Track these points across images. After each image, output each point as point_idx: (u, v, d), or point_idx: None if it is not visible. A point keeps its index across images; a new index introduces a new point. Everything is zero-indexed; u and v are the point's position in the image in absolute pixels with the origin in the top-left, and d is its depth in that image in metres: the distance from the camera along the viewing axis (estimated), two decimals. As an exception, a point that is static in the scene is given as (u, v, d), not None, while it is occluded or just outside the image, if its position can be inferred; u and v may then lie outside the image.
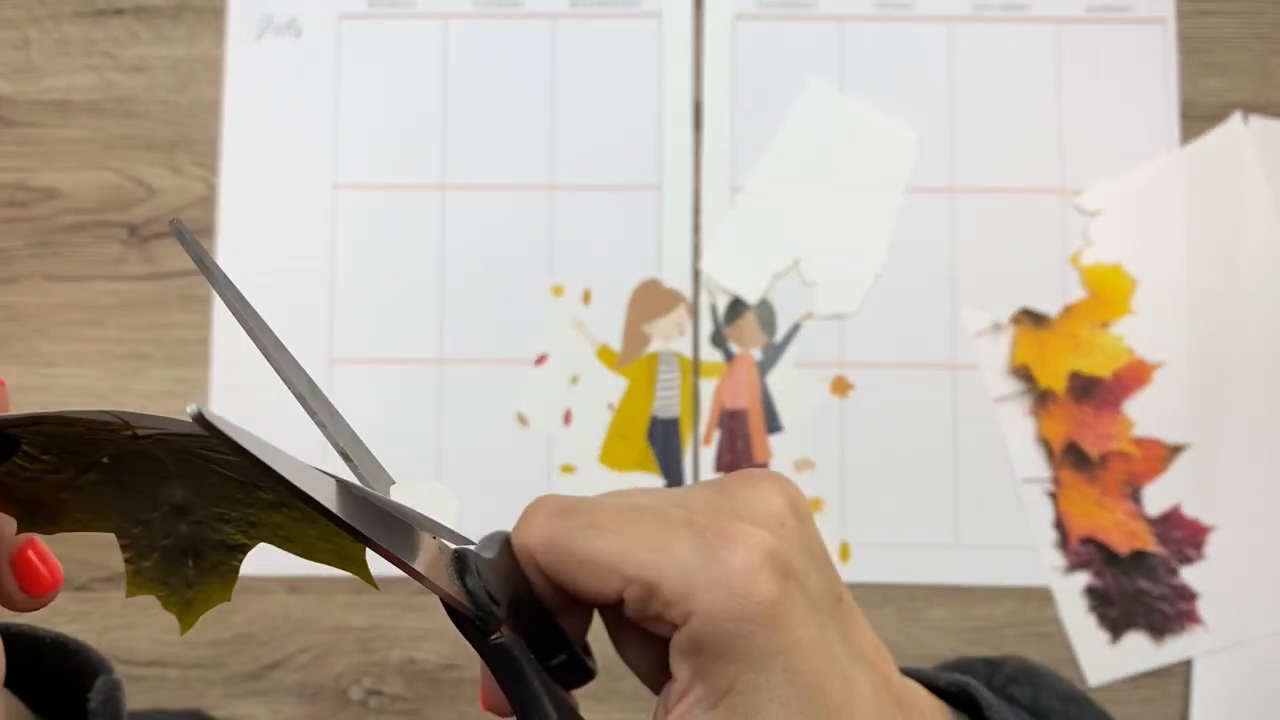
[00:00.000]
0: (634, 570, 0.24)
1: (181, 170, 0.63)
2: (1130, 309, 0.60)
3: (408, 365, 0.61)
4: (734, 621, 0.23)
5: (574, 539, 0.25)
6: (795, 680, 0.24)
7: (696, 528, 0.24)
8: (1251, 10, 0.62)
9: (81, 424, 0.23)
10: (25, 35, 0.64)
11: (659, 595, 0.24)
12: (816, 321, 0.61)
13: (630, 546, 0.24)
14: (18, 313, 0.62)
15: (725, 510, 0.25)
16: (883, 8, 0.63)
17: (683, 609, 0.24)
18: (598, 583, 0.25)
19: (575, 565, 0.25)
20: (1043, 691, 0.32)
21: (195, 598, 0.25)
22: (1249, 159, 0.61)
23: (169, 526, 0.25)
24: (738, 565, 0.24)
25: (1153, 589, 0.59)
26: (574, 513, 0.26)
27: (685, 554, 0.24)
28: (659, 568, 0.24)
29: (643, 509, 0.25)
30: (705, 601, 0.23)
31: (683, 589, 0.24)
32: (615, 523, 0.25)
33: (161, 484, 0.24)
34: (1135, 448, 0.59)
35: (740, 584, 0.23)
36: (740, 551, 0.24)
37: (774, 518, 0.25)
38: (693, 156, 0.62)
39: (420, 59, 0.63)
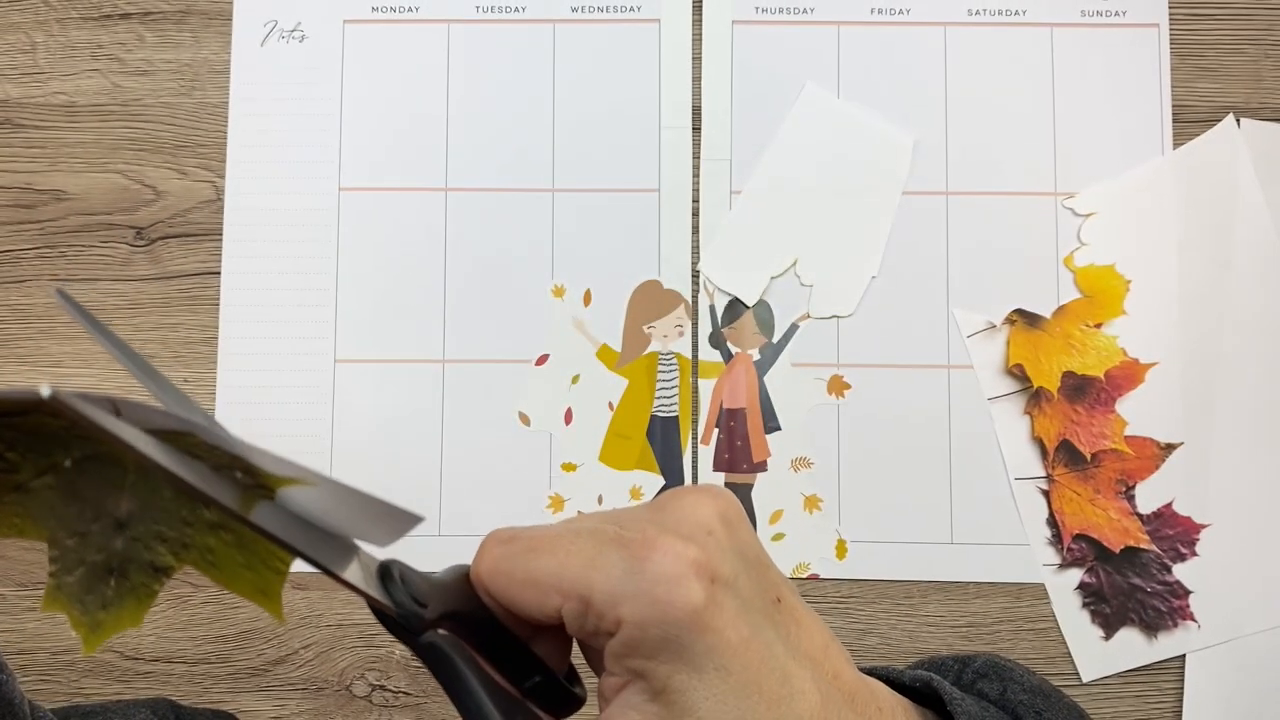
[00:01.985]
0: (569, 586, 0.25)
1: (187, 173, 0.63)
2: (1123, 309, 0.61)
3: (411, 365, 0.62)
4: (659, 626, 0.24)
5: (515, 563, 0.26)
6: (728, 679, 0.24)
7: (624, 542, 0.25)
8: (1244, 14, 0.63)
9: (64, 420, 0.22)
10: (32, 39, 0.64)
11: (592, 608, 0.25)
12: (814, 322, 0.62)
13: (564, 564, 0.25)
14: (25, 314, 0.63)
15: (653, 523, 0.26)
16: (879, 13, 0.63)
17: (612, 618, 0.25)
18: (539, 602, 0.26)
19: (518, 588, 0.26)
20: (1010, 685, 0.32)
21: (106, 620, 0.24)
22: (1241, 162, 0.62)
23: (104, 541, 0.24)
24: (660, 573, 0.24)
25: (1146, 586, 0.59)
26: (516, 539, 0.27)
27: (612, 567, 0.25)
28: (589, 582, 0.25)
29: (578, 530, 0.26)
30: (632, 610, 0.24)
31: (611, 600, 0.25)
32: (551, 545, 0.26)
33: (112, 494, 0.24)
34: (1128, 446, 0.60)
35: (663, 591, 0.24)
36: (663, 560, 0.25)
37: (700, 527, 0.26)
38: (692, 159, 0.63)
39: (423, 63, 0.64)
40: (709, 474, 0.61)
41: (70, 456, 0.24)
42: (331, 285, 0.62)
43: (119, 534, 0.24)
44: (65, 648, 0.60)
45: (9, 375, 0.62)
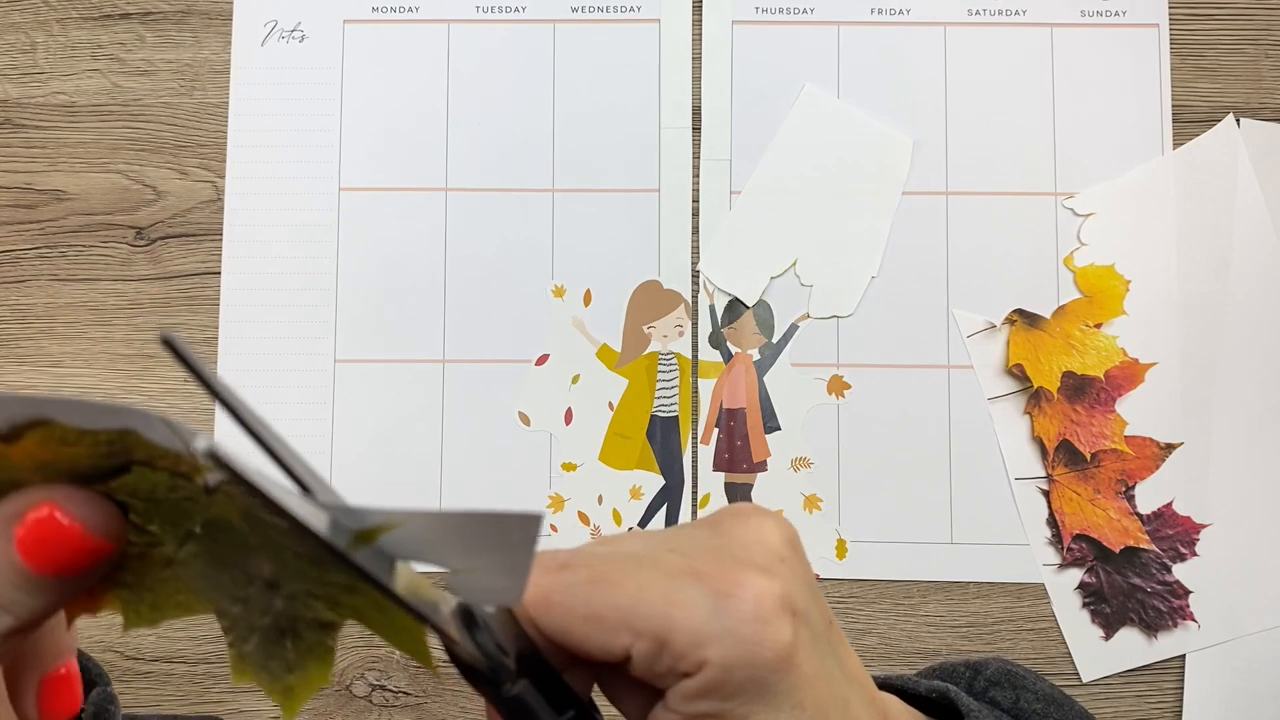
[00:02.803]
0: (643, 624, 0.23)
1: (188, 173, 0.63)
2: (1123, 309, 0.61)
3: (411, 365, 0.62)
4: (748, 669, 0.23)
5: (574, 595, 0.24)
6: (802, 714, 0.24)
7: (700, 575, 0.24)
8: (1243, 14, 0.63)
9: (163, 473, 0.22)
10: (32, 39, 0.64)
11: (670, 649, 0.23)
12: (813, 322, 0.62)
13: (636, 600, 0.23)
14: (25, 314, 0.63)
15: (724, 553, 0.24)
16: (878, 13, 0.63)
17: (695, 660, 0.23)
18: (603, 640, 0.23)
19: (578, 623, 0.24)
20: (1024, 694, 0.32)
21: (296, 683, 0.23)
22: (1241, 161, 0.62)
23: (265, 603, 0.23)
24: (748, 613, 0.23)
25: (1146, 586, 0.59)
26: (571, 567, 0.24)
27: (693, 605, 0.23)
28: (668, 620, 0.23)
29: (640, 558, 0.24)
30: (718, 652, 0.23)
31: (694, 641, 0.23)
32: (616, 575, 0.24)
33: (250, 556, 0.23)
34: (1128, 446, 0.60)
35: (752, 632, 0.23)
36: (749, 599, 0.23)
37: (773, 554, 0.25)
38: (692, 160, 0.63)
39: (423, 63, 0.64)
40: (709, 474, 0.61)
41: (196, 523, 0.23)
42: (331, 285, 0.62)
43: (275, 594, 0.23)
44: (65, 648, 0.60)
45: (9, 375, 0.62)
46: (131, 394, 0.62)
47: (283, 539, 0.22)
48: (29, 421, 0.21)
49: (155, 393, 0.62)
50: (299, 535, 0.20)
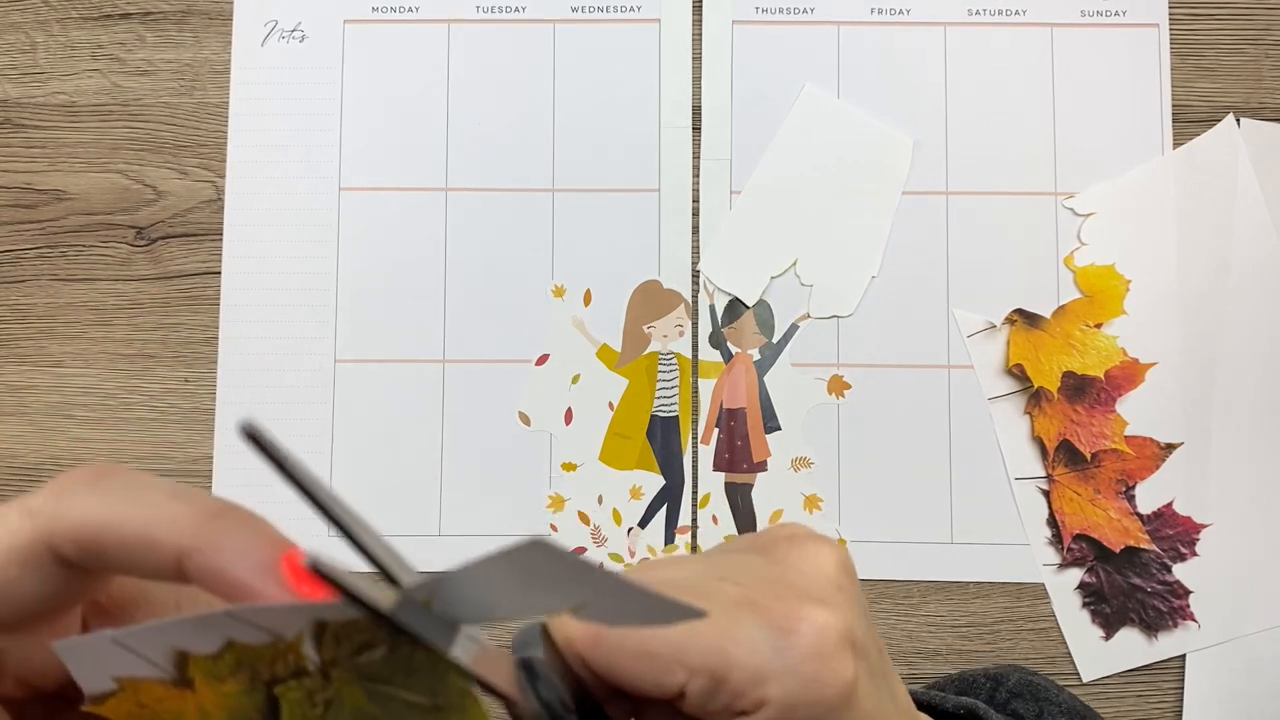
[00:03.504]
0: (698, 661, 0.22)
1: (188, 173, 0.63)
2: (1123, 309, 0.61)
3: (411, 365, 0.62)
4: (810, 708, 0.22)
5: (625, 631, 0.22)
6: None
7: (758, 607, 0.23)
8: (1244, 14, 0.63)
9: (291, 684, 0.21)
10: (32, 39, 0.64)
11: (727, 686, 0.22)
12: (814, 322, 0.62)
13: (692, 633, 0.22)
14: (25, 313, 0.63)
15: (781, 583, 0.23)
16: (878, 13, 0.63)
17: (754, 698, 0.22)
18: (656, 677, 0.22)
19: (630, 660, 0.22)
20: (1047, 707, 0.31)
21: None
22: (1241, 161, 0.62)
23: None
24: (810, 649, 0.22)
25: (1146, 586, 0.59)
26: None
27: (753, 640, 0.22)
28: (726, 657, 0.22)
29: (694, 588, 0.23)
30: (779, 691, 0.22)
31: (754, 678, 0.22)
32: None
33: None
34: (1128, 446, 0.60)
35: (813, 669, 0.22)
36: (810, 634, 0.22)
37: (831, 584, 0.24)
38: (692, 159, 0.63)
39: (423, 63, 0.64)
40: (709, 474, 0.61)
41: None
42: (332, 285, 0.62)
43: None
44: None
45: (9, 375, 0.62)
46: (132, 394, 0.62)
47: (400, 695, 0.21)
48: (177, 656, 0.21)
49: (155, 393, 0.62)
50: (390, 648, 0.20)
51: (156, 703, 0.22)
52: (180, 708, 0.22)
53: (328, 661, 0.21)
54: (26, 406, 0.62)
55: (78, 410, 0.62)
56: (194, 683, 0.21)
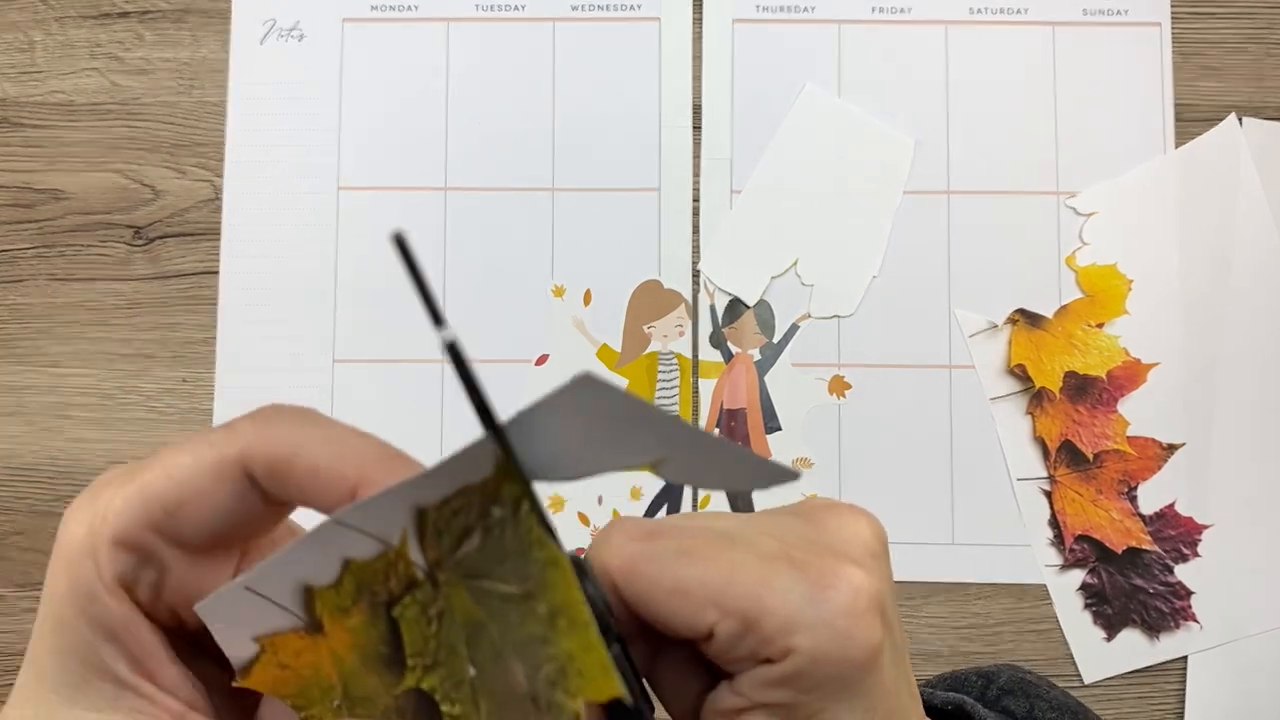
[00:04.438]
0: (732, 603, 0.22)
1: (186, 172, 0.63)
2: (1125, 309, 0.61)
3: (410, 365, 0.62)
4: (835, 664, 0.22)
5: (663, 566, 0.23)
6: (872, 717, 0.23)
7: (796, 561, 0.23)
8: (1246, 13, 0.63)
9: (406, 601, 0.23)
10: (30, 37, 0.64)
11: (757, 631, 0.22)
12: (814, 322, 0.62)
13: (729, 577, 0.23)
14: (23, 313, 0.63)
15: (820, 544, 0.24)
16: (879, 12, 0.63)
17: (782, 646, 0.22)
18: (688, 615, 0.23)
19: (664, 595, 0.23)
20: (1037, 703, 0.31)
21: None
22: (1243, 161, 0.61)
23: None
24: (843, 606, 0.22)
25: (1148, 587, 0.59)
26: (660, 536, 0.23)
27: (788, 589, 0.22)
28: (760, 602, 0.22)
29: (733, 536, 0.24)
30: (808, 642, 0.22)
31: (784, 626, 0.22)
32: (708, 550, 0.23)
33: (505, 667, 0.22)
34: (1130, 447, 0.60)
35: (845, 626, 0.22)
36: (845, 591, 0.23)
37: (867, 551, 0.24)
38: (692, 159, 0.62)
39: (423, 62, 0.63)
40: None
41: (462, 659, 0.23)
42: (330, 285, 0.62)
43: (539, 712, 0.22)
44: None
45: (7, 375, 0.62)
46: (129, 394, 0.62)
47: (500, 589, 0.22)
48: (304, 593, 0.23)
49: (153, 393, 0.62)
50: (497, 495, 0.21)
51: (295, 658, 0.24)
52: (316, 659, 0.24)
53: (433, 563, 0.23)
54: (24, 406, 0.62)
55: (75, 410, 0.62)
56: (323, 625, 0.23)
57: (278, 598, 0.23)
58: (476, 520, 0.22)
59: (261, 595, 0.23)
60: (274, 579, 0.23)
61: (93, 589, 0.23)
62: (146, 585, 0.23)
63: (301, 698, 0.24)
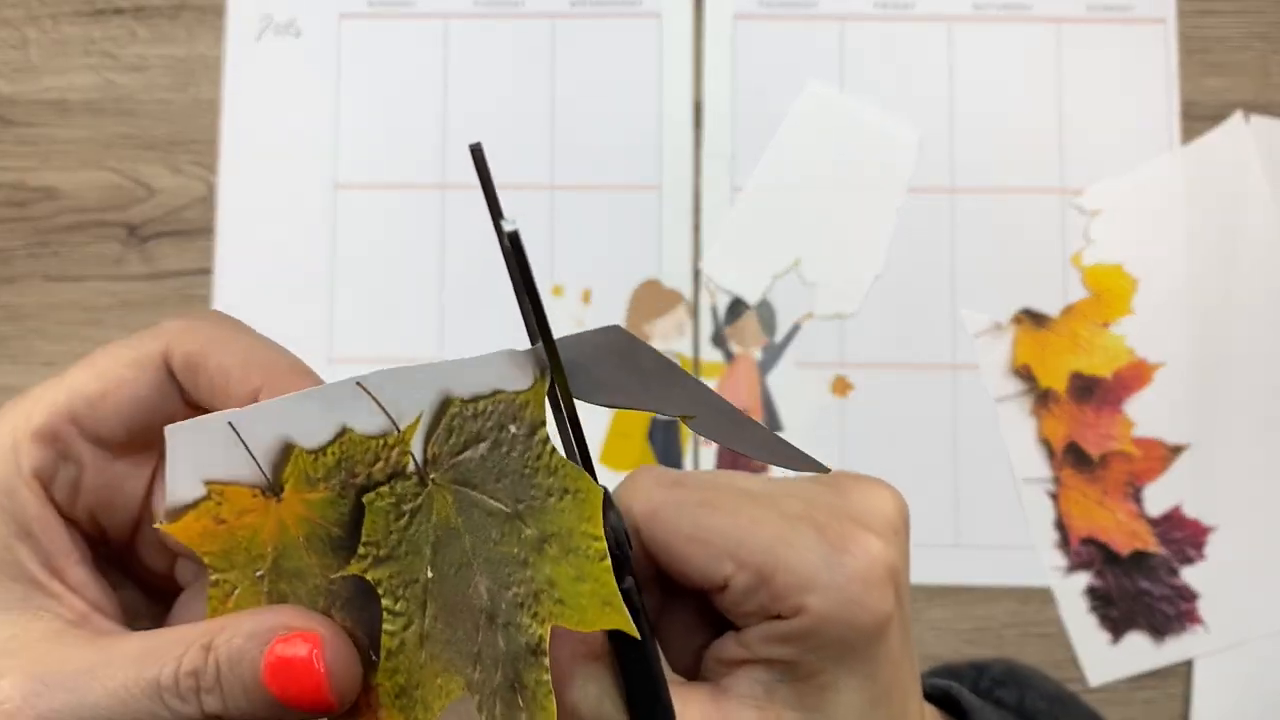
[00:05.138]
0: (748, 555, 0.23)
1: (181, 170, 0.63)
2: (1131, 309, 0.60)
3: (407, 365, 0.61)
4: (844, 627, 0.23)
5: (683, 514, 0.24)
6: (871, 687, 0.23)
7: (817, 524, 0.24)
8: (1252, 10, 0.62)
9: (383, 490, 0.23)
10: (24, 35, 0.64)
11: (770, 586, 0.23)
12: (817, 321, 0.61)
13: (749, 531, 0.23)
14: (16, 312, 0.62)
15: (842, 510, 0.24)
16: (883, 7, 0.63)
17: (794, 603, 0.23)
18: (705, 563, 0.23)
19: (683, 542, 0.24)
20: (1029, 692, 0.32)
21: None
22: (1250, 158, 0.61)
23: (492, 649, 0.23)
24: (859, 572, 0.23)
25: (1153, 589, 0.59)
26: (685, 485, 0.24)
27: (807, 549, 0.23)
28: (777, 558, 0.23)
29: (756, 494, 0.24)
30: (821, 602, 0.23)
31: (799, 584, 0.23)
32: (731, 504, 0.24)
33: (469, 579, 0.23)
34: (1136, 448, 0.59)
35: (858, 592, 0.23)
36: (862, 558, 0.23)
37: (889, 524, 0.24)
38: (693, 156, 0.62)
39: (420, 59, 0.63)
40: (710, 476, 0.60)
41: (425, 560, 0.23)
42: (326, 283, 0.62)
43: (493, 628, 0.23)
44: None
45: (0, 375, 0.62)
46: (124, 394, 0.61)
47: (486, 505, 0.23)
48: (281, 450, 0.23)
49: (148, 393, 0.61)
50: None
51: (236, 516, 0.23)
52: (258, 523, 0.23)
53: (430, 459, 0.23)
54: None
55: (69, 411, 0.61)
56: (283, 490, 0.23)
57: (254, 445, 0.23)
58: (490, 430, 0.23)
59: (239, 436, 0.23)
60: (260, 424, 0.23)
61: (11, 483, 0.23)
62: (64, 483, 0.24)
63: (223, 559, 0.23)
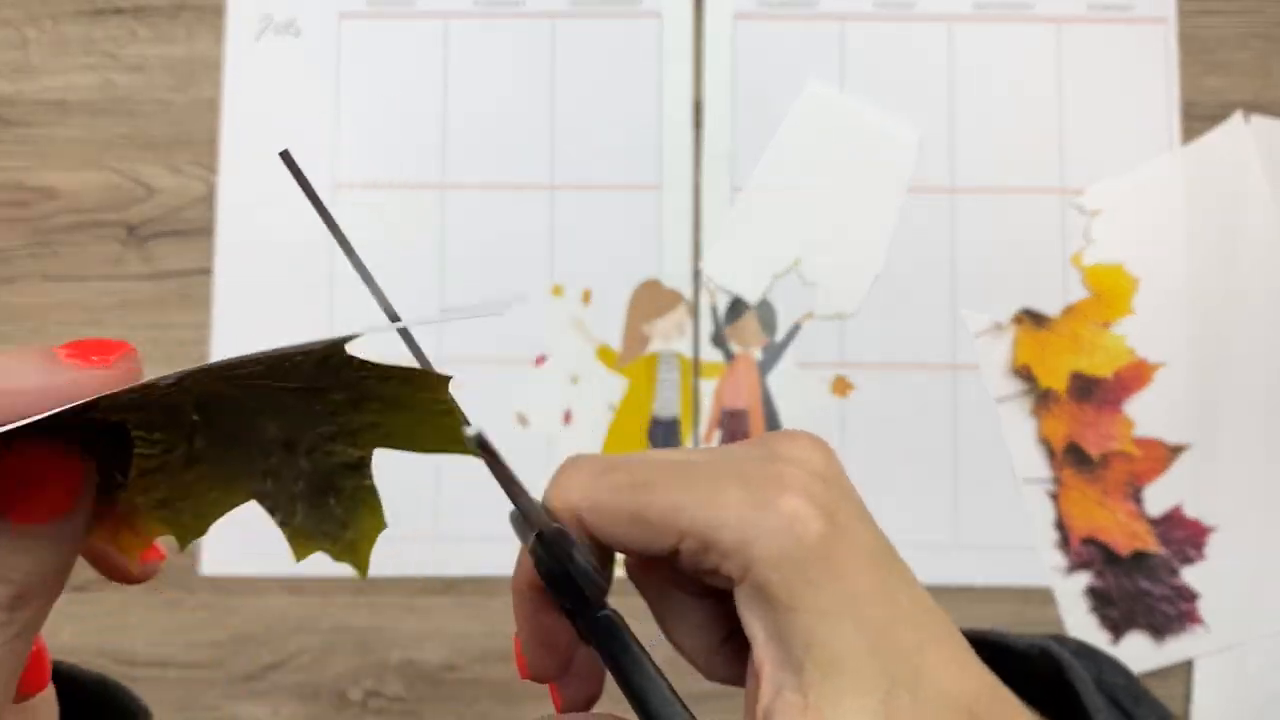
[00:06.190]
0: (688, 524, 0.24)
1: (180, 170, 0.62)
2: (1131, 309, 0.60)
3: (407, 365, 0.61)
4: (793, 566, 0.23)
5: (620, 498, 0.25)
6: (866, 628, 0.23)
7: (745, 477, 0.24)
8: (1252, 10, 0.62)
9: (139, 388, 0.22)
10: (24, 34, 0.64)
11: (716, 547, 0.24)
12: (817, 321, 0.61)
13: (682, 500, 0.24)
14: (16, 312, 0.62)
15: (768, 463, 0.25)
16: (883, 7, 0.63)
17: (741, 560, 0.23)
18: (650, 540, 0.24)
19: (626, 525, 0.25)
20: (1105, 667, 0.31)
21: (356, 537, 0.25)
22: (1250, 158, 0.61)
23: (292, 468, 0.24)
24: (789, 509, 0.23)
25: (1154, 589, 0.59)
26: (617, 469, 0.25)
27: (738, 503, 0.24)
28: (713, 519, 0.24)
29: (687, 464, 0.25)
30: (763, 549, 0.23)
31: (739, 538, 0.23)
32: (663, 478, 0.25)
33: (254, 422, 0.23)
34: (1136, 448, 0.59)
35: (793, 527, 0.23)
36: (790, 497, 0.24)
37: (816, 473, 0.25)
38: (693, 156, 0.62)
39: (420, 58, 0.63)
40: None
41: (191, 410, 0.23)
42: (326, 283, 0.62)
43: (295, 455, 0.24)
44: (58, 650, 0.59)
45: None
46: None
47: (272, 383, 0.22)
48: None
49: (148, 393, 0.61)
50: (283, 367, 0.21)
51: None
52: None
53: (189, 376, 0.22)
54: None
55: (69, 411, 0.61)
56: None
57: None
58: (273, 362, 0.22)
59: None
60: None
61: None
62: None
63: None
